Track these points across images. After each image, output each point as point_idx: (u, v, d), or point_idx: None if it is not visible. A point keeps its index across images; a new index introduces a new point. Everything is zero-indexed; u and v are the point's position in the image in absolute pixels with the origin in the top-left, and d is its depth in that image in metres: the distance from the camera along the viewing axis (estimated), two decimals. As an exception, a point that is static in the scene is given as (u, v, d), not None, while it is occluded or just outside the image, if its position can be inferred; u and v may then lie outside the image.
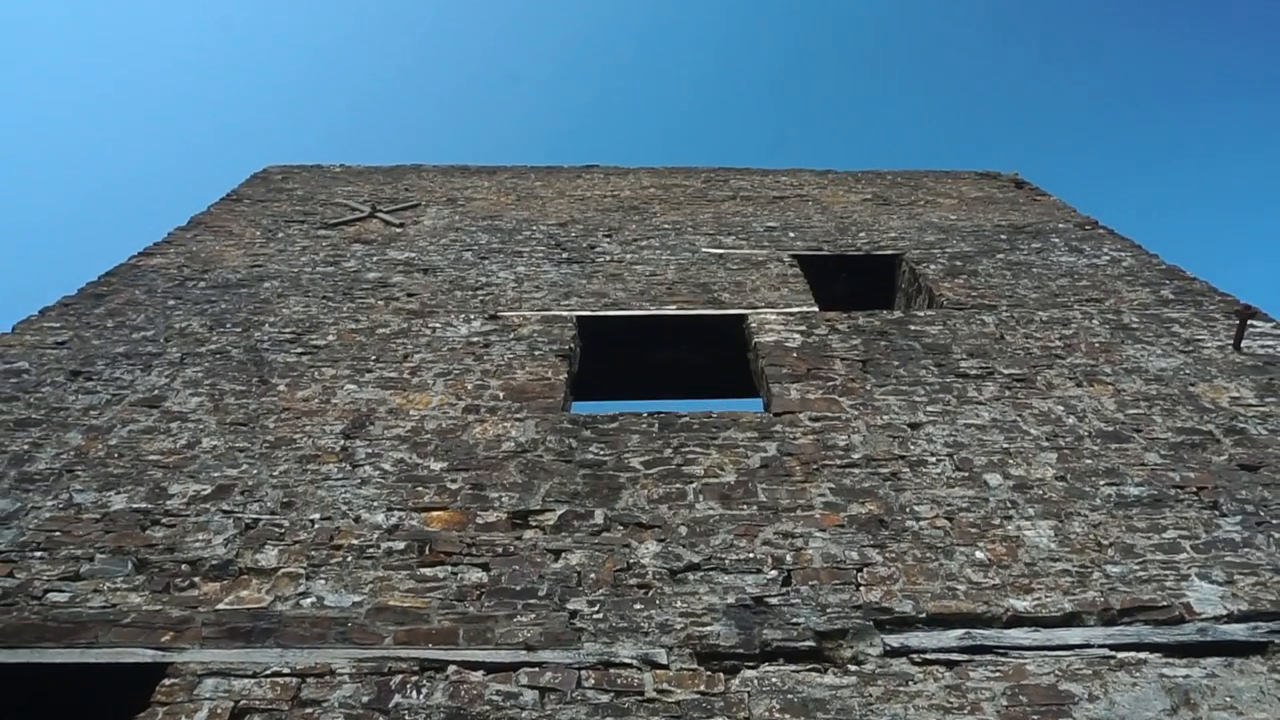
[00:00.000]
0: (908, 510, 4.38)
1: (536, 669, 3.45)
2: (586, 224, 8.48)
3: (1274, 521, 4.33)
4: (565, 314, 6.54)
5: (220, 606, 3.72)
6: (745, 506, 4.40)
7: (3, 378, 5.51)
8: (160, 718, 3.19)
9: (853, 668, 3.49)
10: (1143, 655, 3.55)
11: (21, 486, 4.47)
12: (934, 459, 4.80)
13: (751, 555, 4.07)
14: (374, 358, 5.85)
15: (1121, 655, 3.55)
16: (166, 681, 3.34)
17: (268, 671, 3.40)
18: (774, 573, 3.96)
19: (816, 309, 6.66)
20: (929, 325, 6.40)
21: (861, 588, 3.88)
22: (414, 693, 3.33)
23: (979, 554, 4.09)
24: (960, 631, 3.66)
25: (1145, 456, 4.85)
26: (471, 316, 6.46)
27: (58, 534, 4.13)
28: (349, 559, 4.01)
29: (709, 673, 3.46)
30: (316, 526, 4.20)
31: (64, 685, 3.51)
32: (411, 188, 9.44)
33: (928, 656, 3.54)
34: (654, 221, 8.59)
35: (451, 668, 3.45)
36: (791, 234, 8.27)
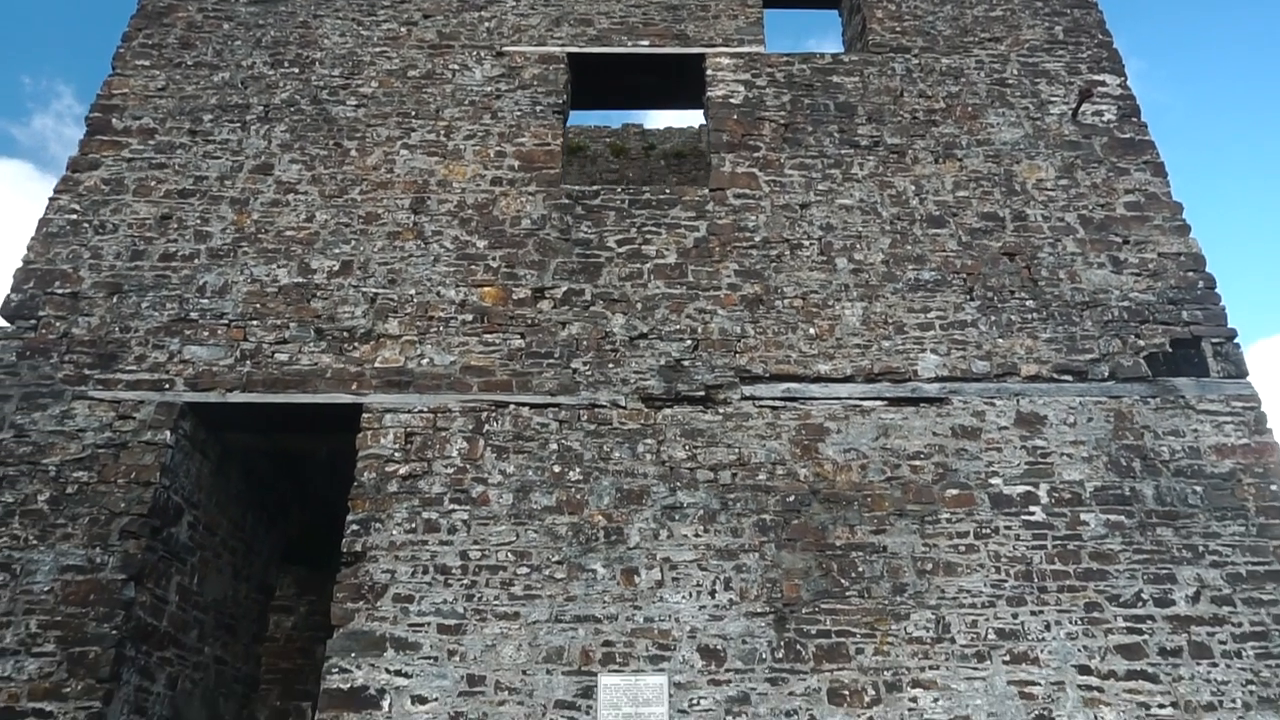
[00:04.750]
0: (779, 291, 7.06)
1: (556, 408, 6.56)
2: (571, -107, 8.95)
3: (999, 305, 7.09)
4: (557, 50, 8.05)
5: (376, 365, 6.63)
6: (679, 286, 7.04)
7: (142, 140, 7.40)
8: (370, 436, 6.37)
9: (721, 409, 6.63)
10: (875, 404, 6.70)
11: (216, 262, 6.94)
12: (809, 242, 7.27)
13: (678, 327, 6.89)
14: (414, 114, 7.66)
15: (865, 404, 6.70)
16: (365, 415, 6.44)
17: (415, 409, 6.49)
18: (689, 342, 6.84)
19: (763, 49, 8.15)
20: (849, 76, 8.05)
21: (737, 354, 6.81)
22: (495, 423, 6.48)
23: (812, 330, 6.93)
24: (784, 386, 6.73)
25: (947, 244, 7.33)
26: (482, 54, 7.97)
27: (258, 306, 6.80)
28: (440, 328, 6.79)
29: (646, 409, 6.60)
30: (415, 301, 6.87)
31: (294, 417, 6.60)
32: None
33: (762, 403, 6.66)
34: (635, -110, 9.02)
35: (511, 406, 6.54)
36: (762, -81, 8.90)
